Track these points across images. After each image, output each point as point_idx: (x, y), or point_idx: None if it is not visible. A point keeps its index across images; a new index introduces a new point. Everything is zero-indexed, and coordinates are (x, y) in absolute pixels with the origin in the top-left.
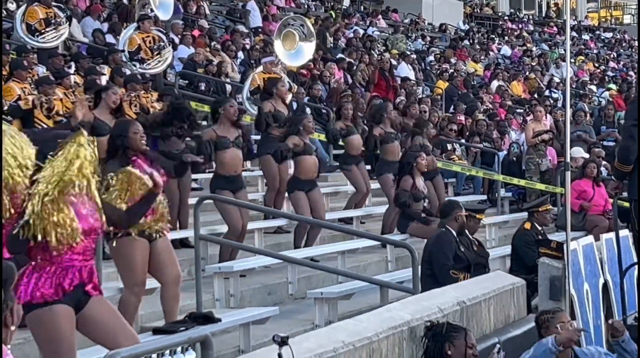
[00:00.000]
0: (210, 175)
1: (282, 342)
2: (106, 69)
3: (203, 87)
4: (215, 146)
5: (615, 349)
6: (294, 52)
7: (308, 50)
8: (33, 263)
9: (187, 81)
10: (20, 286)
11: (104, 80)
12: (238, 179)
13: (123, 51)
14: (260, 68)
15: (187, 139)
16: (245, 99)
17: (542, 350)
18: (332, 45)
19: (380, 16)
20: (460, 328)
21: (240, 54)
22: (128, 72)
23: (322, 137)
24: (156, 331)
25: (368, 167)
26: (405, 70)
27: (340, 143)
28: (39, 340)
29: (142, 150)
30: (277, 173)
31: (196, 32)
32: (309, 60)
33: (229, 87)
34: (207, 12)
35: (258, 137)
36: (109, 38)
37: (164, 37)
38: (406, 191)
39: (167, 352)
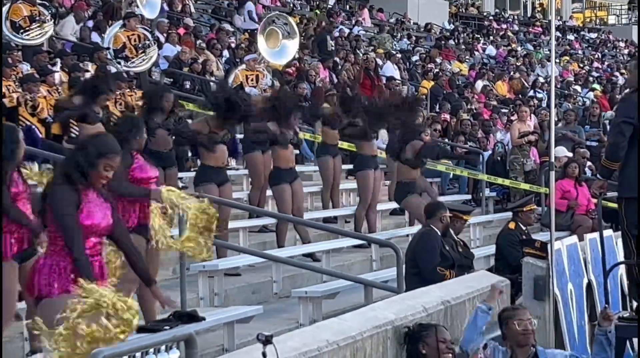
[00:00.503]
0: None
1: (266, 340)
2: (90, 66)
3: (188, 86)
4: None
5: (599, 340)
6: (278, 50)
7: (291, 48)
8: (46, 255)
9: (172, 79)
10: (35, 280)
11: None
12: (223, 172)
13: (108, 48)
14: (243, 66)
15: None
16: None
17: (474, 314)
18: (333, 49)
19: (365, 10)
20: (429, 326)
21: (226, 53)
22: (113, 69)
23: (308, 136)
24: (140, 329)
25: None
26: (390, 69)
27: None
28: (51, 325)
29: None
30: (262, 170)
31: (181, 31)
32: (292, 58)
33: (213, 86)
34: (193, 10)
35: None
36: (94, 36)
37: (149, 36)
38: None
39: (152, 350)
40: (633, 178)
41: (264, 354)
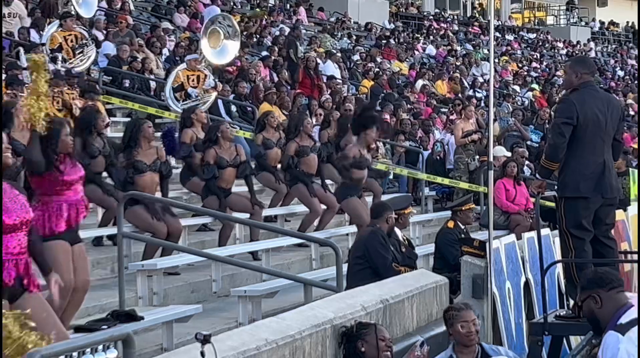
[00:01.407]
0: None
1: (205, 340)
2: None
3: (127, 84)
4: (133, 168)
5: None
6: (219, 50)
7: (232, 48)
8: None
9: (111, 78)
10: None
11: (25, 75)
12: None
13: (44, 44)
14: (184, 65)
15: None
16: (168, 96)
17: None
18: (302, 55)
19: (301, 8)
20: (369, 324)
21: (165, 51)
22: (52, 67)
23: (248, 135)
24: (78, 329)
25: None
26: (331, 68)
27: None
28: None
29: (69, 152)
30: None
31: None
32: (233, 59)
33: (153, 84)
34: (132, 8)
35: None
36: (33, 34)
37: (86, 35)
38: (349, 157)
39: (89, 350)
40: (573, 177)
41: (202, 353)
